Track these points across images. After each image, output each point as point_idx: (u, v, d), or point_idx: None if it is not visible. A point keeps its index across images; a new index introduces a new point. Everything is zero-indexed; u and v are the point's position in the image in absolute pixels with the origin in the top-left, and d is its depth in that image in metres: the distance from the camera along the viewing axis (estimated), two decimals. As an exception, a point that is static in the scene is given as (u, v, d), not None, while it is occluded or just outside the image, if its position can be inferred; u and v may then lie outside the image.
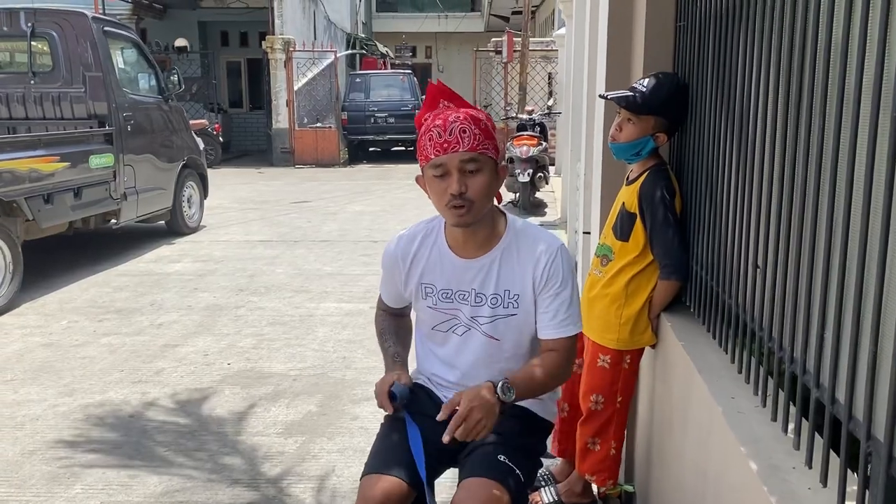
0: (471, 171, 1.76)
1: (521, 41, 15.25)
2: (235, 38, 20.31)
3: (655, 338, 2.59)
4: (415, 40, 27.88)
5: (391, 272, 2.05)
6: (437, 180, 1.78)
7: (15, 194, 5.46)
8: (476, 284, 1.92)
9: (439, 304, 1.96)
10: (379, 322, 2.17)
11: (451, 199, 1.76)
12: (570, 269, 1.92)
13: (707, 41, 2.27)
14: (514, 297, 1.91)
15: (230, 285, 6.12)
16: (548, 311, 1.90)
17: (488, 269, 1.91)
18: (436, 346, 2.05)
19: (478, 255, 1.91)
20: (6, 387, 4.03)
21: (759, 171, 1.75)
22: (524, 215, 9.38)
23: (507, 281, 1.91)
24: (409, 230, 2.04)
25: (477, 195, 1.77)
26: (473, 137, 1.75)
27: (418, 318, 2.06)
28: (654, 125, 2.48)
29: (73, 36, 6.61)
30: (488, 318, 1.93)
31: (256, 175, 14.26)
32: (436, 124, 1.77)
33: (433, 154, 1.77)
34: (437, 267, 1.96)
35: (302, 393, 3.94)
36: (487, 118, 1.83)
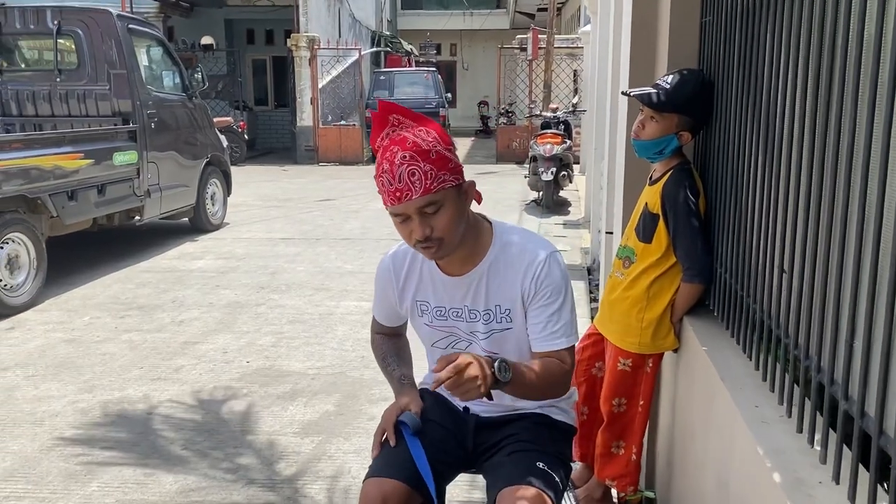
0: (431, 212, 1.66)
1: (547, 38, 15.15)
2: (261, 36, 20.41)
3: (678, 342, 2.52)
4: (439, 38, 27.84)
5: (384, 291, 1.98)
6: (401, 225, 1.70)
7: (39, 191, 5.50)
8: (468, 301, 1.86)
9: (435, 321, 1.91)
10: (378, 347, 2.10)
11: (418, 242, 1.69)
12: (561, 277, 1.82)
13: (734, 37, 2.20)
14: (505, 311, 1.84)
15: (251, 283, 6.13)
16: (537, 322, 1.80)
17: (477, 286, 1.84)
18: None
19: (465, 271, 1.84)
20: (28, 382, 4.06)
21: (787, 171, 1.68)
22: (547, 214, 9.32)
23: (497, 296, 1.83)
24: (399, 248, 1.96)
25: (444, 232, 1.68)
26: (425, 177, 1.61)
27: (418, 333, 2.01)
28: (677, 123, 2.42)
29: (99, 34, 6.66)
30: (485, 334, 1.87)
31: (280, 173, 14.31)
32: (384, 168, 1.64)
33: (389, 203, 1.67)
34: (428, 285, 1.90)
35: (320, 392, 3.92)
36: (438, 138, 1.66)
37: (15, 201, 5.33)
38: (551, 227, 8.53)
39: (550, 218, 9.13)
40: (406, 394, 1.95)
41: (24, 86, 6.90)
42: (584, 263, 6.76)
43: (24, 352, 4.53)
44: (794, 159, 1.63)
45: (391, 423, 1.85)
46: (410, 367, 2.08)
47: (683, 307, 2.46)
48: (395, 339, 2.12)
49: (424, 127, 1.68)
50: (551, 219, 9.08)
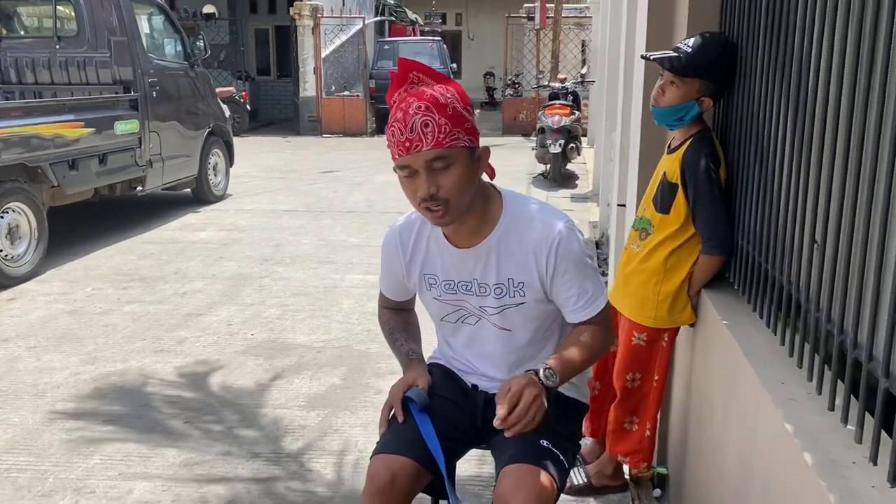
0: (440, 167, 1.57)
1: (555, 7, 14.90)
2: (264, 4, 20.12)
3: (695, 316, 2.45)
4: (444, 6, 27.42)
5: (391, 264, 1.90)
6: (407, 181, 1.61)
7: (40, 160, 5.41)
8: (477, 274, 1.78)
9: (444, 295, 1.84)
10: (385, 322, 2.03)
11: (423, 201, 1.59)
12: (580, 244, 1.76)
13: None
14: (518, 284, 1.76)
15: (255, 255, 6.06)
16: (570, 295, 1.75)
17: (487, 258, 1.75)
18: (449, 336, 1.93)
19: (474, 242, 1.75)
20: (30, 353, 4.01)
21: (820, 138, 1.59)
22: (555, 187, 9.21)
23: (509, 268, 1.75)
24: (406, 219, 1.88)
25: (451, 192, 1.58)
26: (438, 130, 1.53)
27: (427, 309, 1.93)
28: (699, 88, 2.32)
29: (99, 1, 6.51)
30: (496, 309, 1.79)
31: (283, 144, 14.18)
32: (397, 118, 1.57)
33: (397, 154, 1.59)
34: (436, 258, 1.82)
35: (326, 365, 3.86)
36: (457, 96, 1.59)
37: (15, 170, 5.25)
38: (559, 201, 8.42)
39: (558, 191, 9.02)
40: (413, 369, 1.88)
41: (23, 53, 6.78)
42: (592, 237, 6.68)
43: (26, 323, 4.47)
44: (829, 126, 1.53)
45: (399, 399, 1.78)
46: (419, 341, 2.01)
47: (702, 280, 2.38)
48: (403, 314, 2.05)
49: (444, 85, 1.60)
50: (559, 192, 8.97)
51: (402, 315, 2.04)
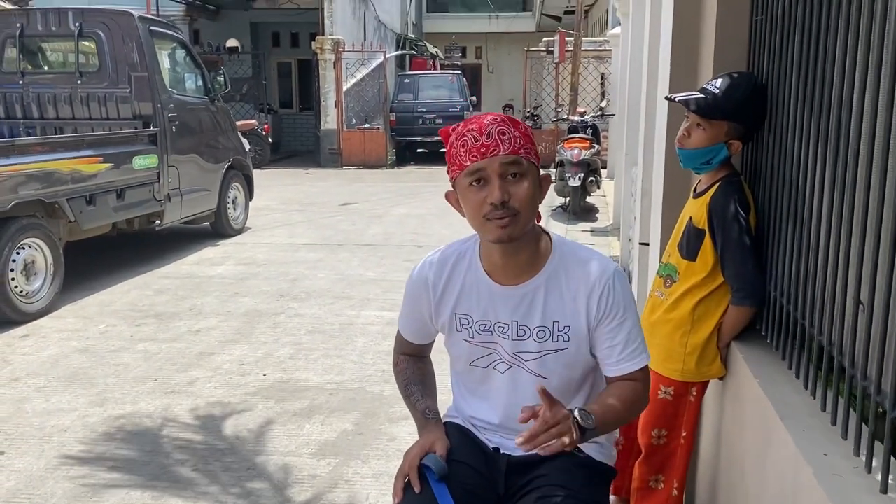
0: (513, 175, 1.55)
1: (574, 41, 14.91)
2: (287, 38, 20.39)
3: (724, 369, 2.31)
4: (465, 41, 27.66)
5: (416, 302, 1.80)
6: (474, 189, 1.56)
7: (57, 195, 5.40)
8: (518, 316, 1.68)
9: (476, 336, 1.72)
10: (401, 371, 1.92)
11: (492, 209, 1.53)
12: (629, 293, 1.69)
13: (791, 37, 1.99)
14: (563, 329, 1.66)
15: (271, 290, 5.99)
16: (614, 344, 1.66)
17: (532, 298, 1.66)
18: (474, 384, 1.80)
19: (519, 281, 1.67)
20: (38, 394, 3.93)
21: (865, 186, 1.47)
22: (574, 221, 9.10)
23: (555, 311, 1.66)
24: (440, 253, 1.79)
25: (522, 204, 1.54)
26: (514, 140, 1.56)
27: (452, 353, 1.82)
28: (727, 131, 2.22)
29: (120, 36, 6.57)
30: (535, 354, 1.68)
31: (304, 176, 14.22)
32: (470, 129, 1.57)
33: (469, 160, 1.55)
34: (472, 295, 1.72)
35: (338, 409, 3.74)
36: (527, 126, 1.65)
37: (32, 206, 5.23)
38: (578, 235, 8.31)
39: (577, 224, 8.91)
40: (431, 431, 1.76)
41: (45, 88, 6.83)
42: (613, 273, 6.52)
43: (38, 361, 4.41)
44: (875, 174, 1.42)
45: (415, 468, 1.67)
46: (435, 396, 1.90)
47: (731, 332, 2.25)
48: (419, 364, 1.93)
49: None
50: (578, 225, 8.86)
51: (419, 365, 1.93)
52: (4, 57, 6.79)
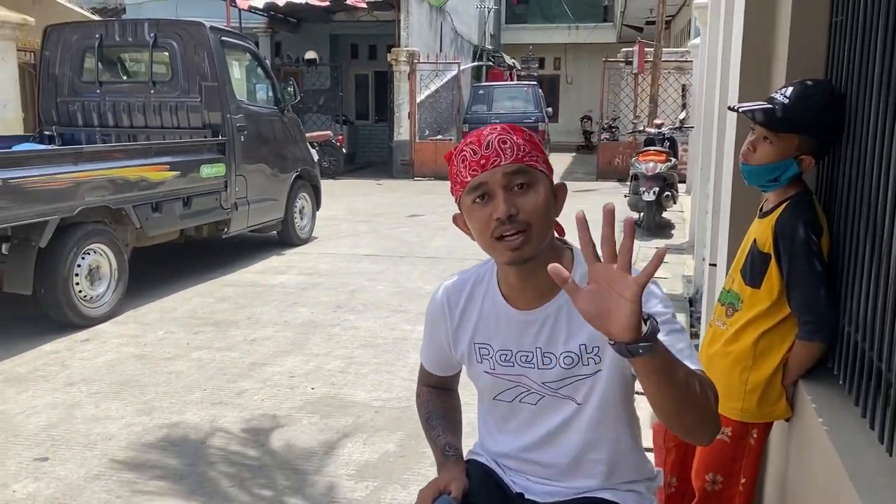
0: (520, 186, 1.38)
1: (654, 51, 14.51)
2: (364, 50, 20.62)
3: (790, 410, 2.07)
4: (543, 52, 27.40)
5: (435, 330, 1.65)
6: (479, 206, 1.40)
7: (123, 202, 5.50)
8: (541, 342, 1.50)
9: (498, 368, 1.56)
10: (423, 403, 1.78)
11: (499, 225, 1.36)
12: (663, 299, 1.46)
13: (874, 40, 1.76)
14: (592, 350, 1.48)
15: (330, 301, 5.94)
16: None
17: (554, 322, 1.49)
18: (500, 420, 1.63)
19: (539, 303, 1.49)
20: (90, 400, 3.96)
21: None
22: (648, 237, 8.77)
23: (581, 334, 1.47)
24: (458, 277, 1.64)
25: (532, 216, 1.37)
26: (517, 147, 1.40)
27: (476, 386, 1.66)
28: (798, 146, 1.99)
29: (192, 46, 6.68)
30: (565, 382, 1.51)
31: (375, 186, 14.27)
32: (469, 143, 1.42)
33: (469, 175, 1.40)
34: (491, 322, 1.56)
35: (382, 428, 3.62)
36: (532, 133, 1.48)
37: (99, 212, 5.34)
38: (651, 251, 7.93)
39: (651, 241, 8.57)
40: (448, 470, 1.61)
41: (121, 97, 7.01)
42: (685, 293, 6.22)
43: (94, 366, 4.46)
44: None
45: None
46: (459, 432, 1.74)
47: (798, 369, 2.01)
48: (444, 396, 1.78)
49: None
50: (651, 242, 8.52)
51: (443, 398, 1.78)
52: (84, 67, 7.01)
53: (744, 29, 2.70)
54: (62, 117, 7.14)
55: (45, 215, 4.79)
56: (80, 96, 7.04)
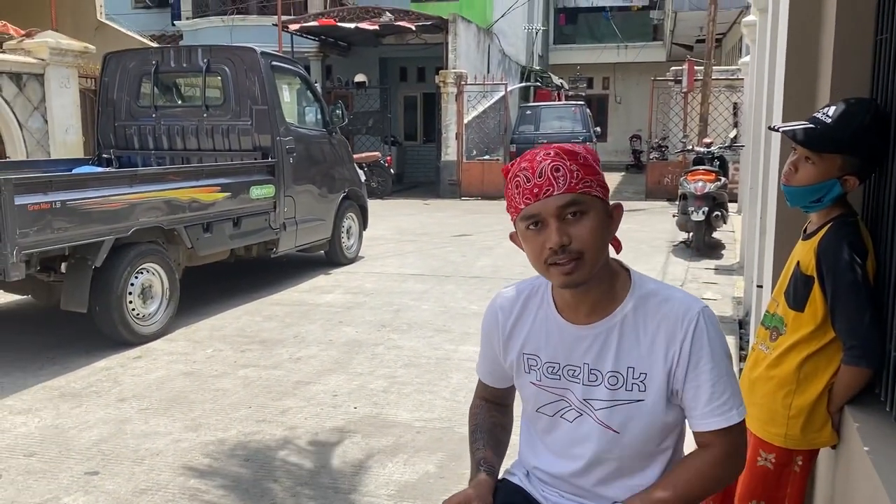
0: (573, 215, 1.40)
1: (704, 69, 14.35)
2: (413, 73, 20.88)
3: (837, 437, 2.01)
4: (592, 71, 27.32)
5: (489, 339, 1.69)
6: (533, 234, 1.43)
7: (175, 223, 5.65)
8: (590, 358, 1.52)
9: (544, 380, 1.58)
10: (473, 416, 1.79)
11: (552, 254, 1.40)
12: (718, 337, 1.48)
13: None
14: (639, 376, 1.48)
15: (374, 320, 5.98)
16: (699, 395, 1.46)
17: (605, 340, 1.50)
18: (541, 433, 1.64)
19: (592, 320, 1.51)
20: (139, 416, 4.06)
21: None
22: (697, 257, 8.62)
23: (630, 356, 1.49)
24: (514, 287, 1.68)
25: (586, 244, 1.40)
26: (570, 175, 1.40)
27: (521, 395, 1.67)
28: (841, 166, 1.95)
29: (244, 71, 6.86)
30: (606, 403, 1.51)
31: (422, 206, 14.36)
32: (522, 168, 1.44)
33: (523, 203, 1.43)
34: (542, 334, 1.58)
35: (423, 449, 3.62)
36: (588, 151, 1.46)
37: (151, 232, 5.49)
38: (701, 272, 7.85)
39: (700, 262, 8.42)
40: (477, 486, 1.61)
41: (175, 121, 7.22)
42: (735, 315, 6.09)
43: (145, 383, 4.57)
44: None
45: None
46: (500, 452, 1.73)
47: (844, 395, 1.96)
48: (494, 412, 1.78)
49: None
50: (701, 262, 8.37)
51: (494, 413, 1.78)
52: (140, 92, 7.26)
53: (787, 47, 2.66)
54: (119, 141, 7.39)
55: (101, 235, 4.95)
56: (137, 120, 7.29)
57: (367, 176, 15.11)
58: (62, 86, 8.93)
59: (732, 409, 1.47)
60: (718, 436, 1.47)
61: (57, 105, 8.89)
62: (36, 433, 3.83)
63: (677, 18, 20.43)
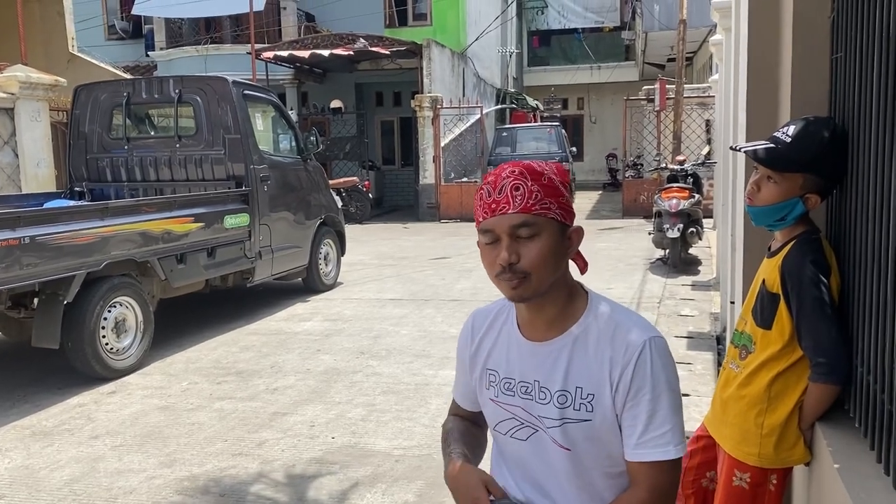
0: (525, 235, 1.41)
1: (676, 88, 14.53)
2: (389, 97, 20.95)
3: (810, 454, 2.01)
4: (567, 92, 27.60)
5: (462, 356, 1.66)
6: (489, 248, 1.45)
7: (148, 255, 5.59)
8: (541, 376, 1.50)
9: (501, 396, 1.56)
10: (445, 426, 1.73)
11: (501, 270, 1.41)
12: (665, 369, 1.44)
13: (870, 76, 1.74)
14: (587, 397, 1.46)
15: (353, 347, 5.94)
16: (636, 424, 1.44)
17: (557, 358, 1.49)
18: (499, 454, 1.63)
19: (549, 336, 1.50)
20: (113, 453, 3.98)
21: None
22: (674, 274, 8.67)
23: (580, 376, 1.47)
24: (489, 305, 1.67)
25: (533, 266, 1.40)
26: (529, 195, 1.40)
27: (484, 414, 1.65)
28: (802, 184, 1.96)
29: (216, 100, 6.84)
30: (556, 421, 1.49)
31: (401, 230, 14.36)
32: (488, 181, 1.45)
33: (482, 216, 1.44)
34: (503, 349, 1.57)
35: (402, 478, 3.58)
36: (555, 170, 1.46)
37: (124, 265, 5.43)
38: (678, 289, 7.89)
39: (677, 278, 8.47)
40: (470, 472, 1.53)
41: (148, 152, 7.18)
42: (713, 331, 6.12)
43: (119, 419, 4.49)
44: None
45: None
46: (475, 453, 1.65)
47: (814, 412, 1.96)
48: (468, 423, 1.71)
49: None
50: (678, 279, 8.42)
51: (467, 424, 1.70)
52: (112, 123, 7.21)
53: (748, 66, 2.70)
54: (92, 173, 7.33)
55: (72, 270, 4.89)
56: (109, 152, 7.23)
57: (346, 201, 15.11)
58: (33, 119, 8.85)
59: (669, 444, 1.42)
60: (650, 470, 1.43)
61: (28, 139, 8.82)
62: (5, 475, 3.74)
63: (648, 38, 20.73)
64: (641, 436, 1.43)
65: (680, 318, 6.60)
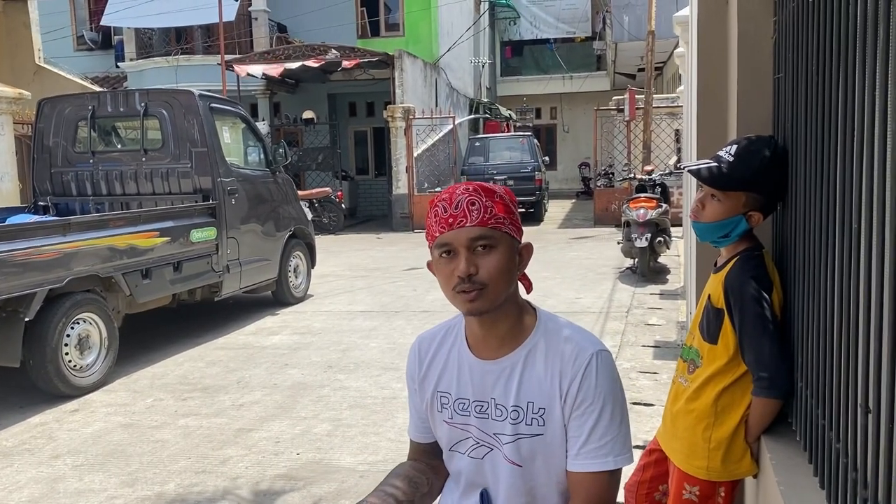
0: (482, 248, 1.44)
1: (645, 98, 14.71)
2: (363, 108, 20.95)
3: (756, 466, 2.05)
4: (540, 101, 27.79)
5: (412, 383, 1.68)
6: (445, 261, 1.47)
7: (112, 270, 5.54)
8: (496, 393, 1.53)
9: (455, 417, 1.58)
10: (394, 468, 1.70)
11: (459, 282, 1.44)
12: (609, 381, 1.49)
13: (807, 94, 1.79)
14: (538, 411, 1.50)
15: (321, 360, 5.92)
16: (577, 436, 1.48)
17: (510, 375, 1.53)
18: (455, 479, 1.65)
19: (500, 354, 1.54)
20: (74, 473, 3.93)
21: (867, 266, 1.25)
22: (643, 283, 8.75)
23: (531, 391, 1.51)
24: (432, 328, 1.69)
25: (490, 277, 1.44)
26: (484, 210, 1.45)
27: (437, 437, 1.66)
28: (745, 202, 2.01)
29: (182, 113, 6.81)
30: (510, 437, 1.52)
31: (375, 241, 14.35)
32: (442, 199, 1.48)
33: (438, 231, 1.47)
34: (454, 371, 1.59)
35: (366, 494, 3.56)
36: (506, 192, 1.52)
37: (88, 281, 5.37)
38: (646, 298, 7.97)
39: (646, 287, 8.55)
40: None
41: (114, 165, 7.12)
42: (679, 340, 6.18)
43: (81, 437, 4.44)
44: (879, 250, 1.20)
45: None
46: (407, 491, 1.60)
47: (758, 426, 2.00)
48: (418, 465, 1.68)
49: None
50: (647, 288, 8.50)
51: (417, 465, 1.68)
52: (77, 137, 7.14)
53: (699, 84, 2.75)
54: (56, 187, 7.25)
55: (33, 287, 4.83)
56: (74, 166, 7.16)
57: (319, 212, 15.08)
58: (-3, 132, 8.76)
59: (609, 455, 1.46)
60: (586, 480, 1.46)
61: (-8, 152, 8.72)
62: (-38, 497, 3.69)
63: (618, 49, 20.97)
64: (582, 447, 1.47)
65: (647, 328, 6.66)
